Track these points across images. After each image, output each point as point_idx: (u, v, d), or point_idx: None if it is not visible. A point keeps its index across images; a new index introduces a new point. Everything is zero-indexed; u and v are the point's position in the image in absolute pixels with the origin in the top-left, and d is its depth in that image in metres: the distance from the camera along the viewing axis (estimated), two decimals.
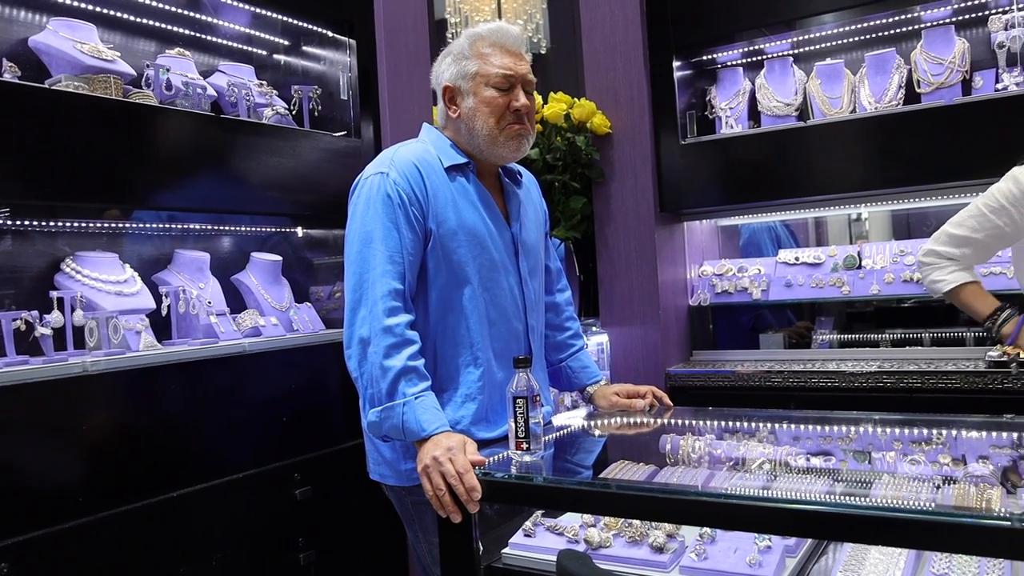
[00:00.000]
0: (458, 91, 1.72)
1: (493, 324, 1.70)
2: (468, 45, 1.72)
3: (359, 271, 1.60)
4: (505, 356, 1.70)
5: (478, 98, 1.69)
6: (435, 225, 1.65)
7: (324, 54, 2.87)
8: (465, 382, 1.67)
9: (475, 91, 1.69)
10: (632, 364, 2.92)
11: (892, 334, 2.78)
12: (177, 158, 2.17)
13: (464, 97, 1.71)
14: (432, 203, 1.65)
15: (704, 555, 1.40)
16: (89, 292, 2.07)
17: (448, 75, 1.73)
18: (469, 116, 1.70)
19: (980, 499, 1.24)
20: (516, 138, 1.70)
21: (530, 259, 1.80)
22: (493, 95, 1.68)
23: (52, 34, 2.08)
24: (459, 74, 1.71)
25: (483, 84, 1.69)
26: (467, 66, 1.71)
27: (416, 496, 1.67)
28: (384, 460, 1.70)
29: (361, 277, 1.59)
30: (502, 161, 1.76)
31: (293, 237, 2.84)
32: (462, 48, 1.73)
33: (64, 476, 1.77)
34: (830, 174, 2.69)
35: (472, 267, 1.67)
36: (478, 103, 1.69)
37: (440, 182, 1.68)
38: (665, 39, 2.93)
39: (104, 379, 1.86)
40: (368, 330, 1.55)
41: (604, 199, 2.99)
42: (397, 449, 1.67)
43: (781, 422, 1.90)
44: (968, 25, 2.73)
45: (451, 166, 1.71)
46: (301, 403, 2.33)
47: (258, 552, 2.16)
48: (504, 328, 1.72)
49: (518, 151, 1.73)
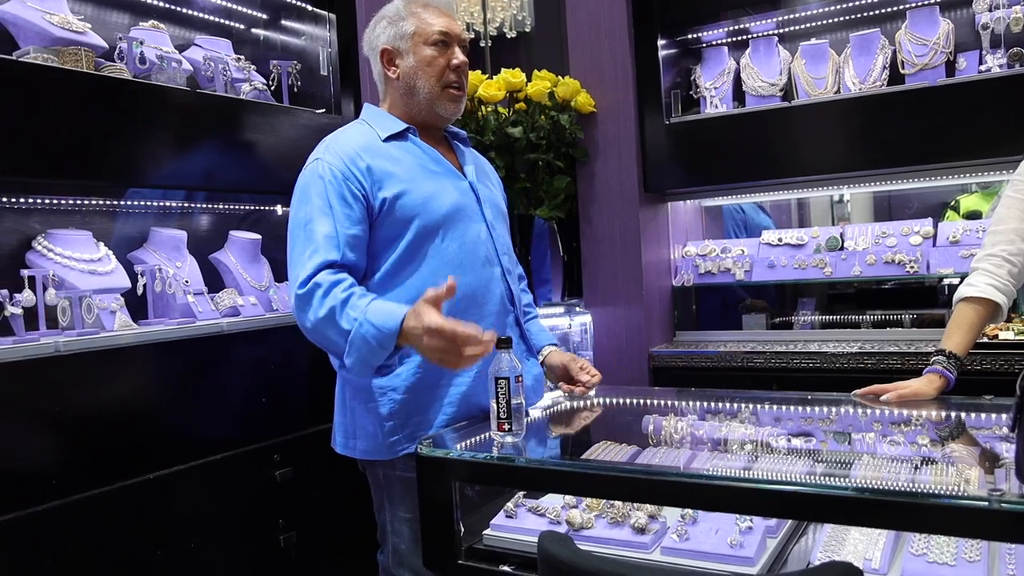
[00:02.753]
0: (396, 52, 1.75)
1: (466, 271, 1.69)
2: (403, 6, 1.77)
3: (297, 254, 1.61)
4: (483, 301, 1.72)
5: (417, 57, 1.73)
6: (385, 194, 1.65)
7: (304, 29, 2.82)
8: None
9: (414, 50, 1.74)
10: (615, 345, 2.92)
11: (873, 315, 2.79)
12: (152, 134, 2.12)
13: (403, 57, 1.75)
14: (375, 175, 1.65)
15: (686, 536, 1.40)
16: (62, 271, 2.02)
17: (385, 37, 1.76)
18: (409, 75, 1.74)
19: (959, 480, 1.24)
20: (455, 100, 1.76)
21: (492, 207, 1.82)
22: (432, 54, 1.73)
23: (20, 4, 2.02)
24: (396, 35, 1.75)
25: (421, 43, 1.73)
26: (404, 26, 1.74)
27: (387, 468, 1.67)
28: (362, 433, 1.69)
29: (298, 259, 1.60)
30: (440, 121, 1.80)
31: (272, 215, 2.80)
32: (397, 10, 1.77)
33: (36, 459, 1.74)
34: (814, 155, 2.68)
35: (432, 222, 1.67)
36: (418, 62, 1.73)
37: (381, 153, 1.69)
38: (650, 17, 2.90)
39: (77, 359, 1.83)
40: (305, 301, 1.56)
41: (588, 179, 2.96)
42: (373, 420, 1.66)
43: (763, 403, 1.90)
44: (952, 6, 2.72)
45: (391, 135, 1.72)
46: (280, 383, 2.31)
47: (237, 534, 2.15)
48: (477, 273, 1.72)
49: (457, 110, 1.79)
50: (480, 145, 2.77)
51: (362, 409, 1.68)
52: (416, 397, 1.65)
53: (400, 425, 1.65)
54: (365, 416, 1.68)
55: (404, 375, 1.65)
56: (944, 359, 1.67)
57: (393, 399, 1.64)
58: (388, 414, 1.65)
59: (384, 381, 1.65)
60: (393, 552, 1.73)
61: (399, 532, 1.70)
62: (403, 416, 1.65)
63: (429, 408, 1.67)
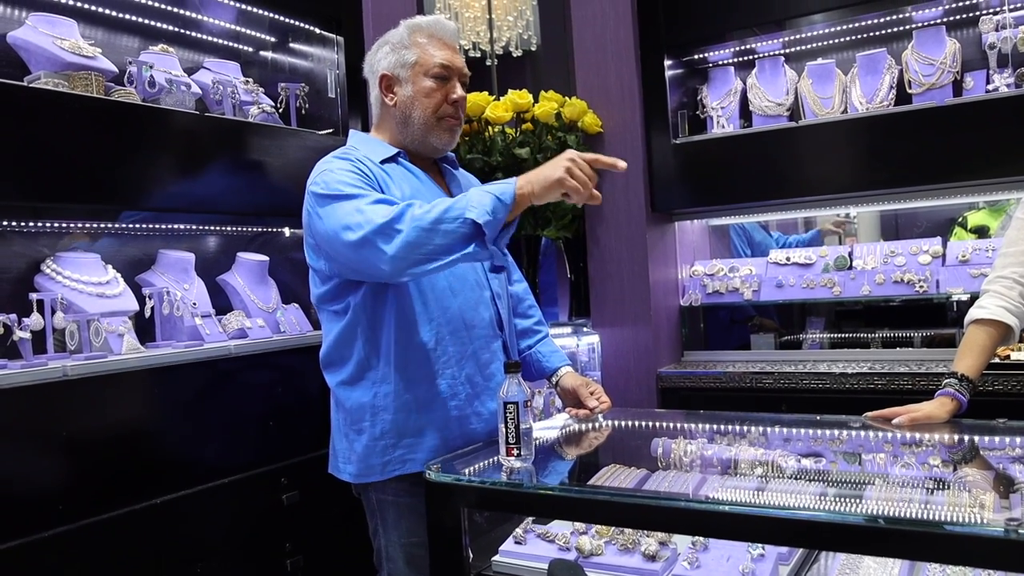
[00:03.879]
0: (396, 79, 1.74)
1: (456, 294, 1.68)
2: (407, 35, 1.75)
3: (343, 214, 1.53)
4: (471, 325, 1.69)
5: (416, 87, 1.72)
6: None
7: (311, 51, 2.84)
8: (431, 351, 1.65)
9: (414, 80, 1.72)
10: (623, 365, 2.90)
11: (883, 335, 2.77)
12: (161, 157, 2.13)
13: (402, 85, 1.73)
14: (379, 180, 1.64)
15: (697, 563, 1.39)
16: (70, 294, 2.03)
17: (386, 63, 1.75)
18: (406, 105, 1.73)
19: (973, 507, 1.23)
20: (450, 130, 1.75)
21: None
22: (431, 86, 1.72)
23: (31, 30, 2.04)
24: (398, 62, 1.73)
25: (422, 73, 1.72)
26: (406, 55, 1.73)
27: (380, 493, 1.66)
28: (355, 456, 1.67)
29: (347, 214, 1.52)
30: (434, 152, 1.79)
31: (280, 237, 2.80)
32: (401, 37, 1.76)
33: (44, 483, 1.73)
34: (821, 174, 2.67)
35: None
36: (416, 92, 1.72)
37: (377, 173, 1.67)
38: (657, 37, 2.91)
39: (85, 383, 1.83)
40: (384, 231, 1.47)
41: None
42: (365, 442, 1.65)
43: (772, 425, 1.88)
44: (959, 26, 2.72)
45: (383, 159, 1.72)
46: (288, 406, 2.30)
47: (244, 558, 2.13)
48: (466, 297, 1.70)
49: (451, 142, 1.78)
50: (487, 165, 2.78)
51: (354, 433, 1.67)
52: (407, 418, 1.64)
53: (391, 446, 1.64)
54: (357, 439, 1.67)
55: (394, 396, 1.64)
56: (956, 382, 1.66)
57: (384, 420, 1.64)
58: (380, 434, 1.64)
59: (376, 401, 1.64)
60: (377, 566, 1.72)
61: (392, 558, 1.69)
62: (394, 436, 1.64)
63: (420, 430, 1.65)
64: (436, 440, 1.65)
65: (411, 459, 1.62)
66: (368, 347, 1.64)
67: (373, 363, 1.64)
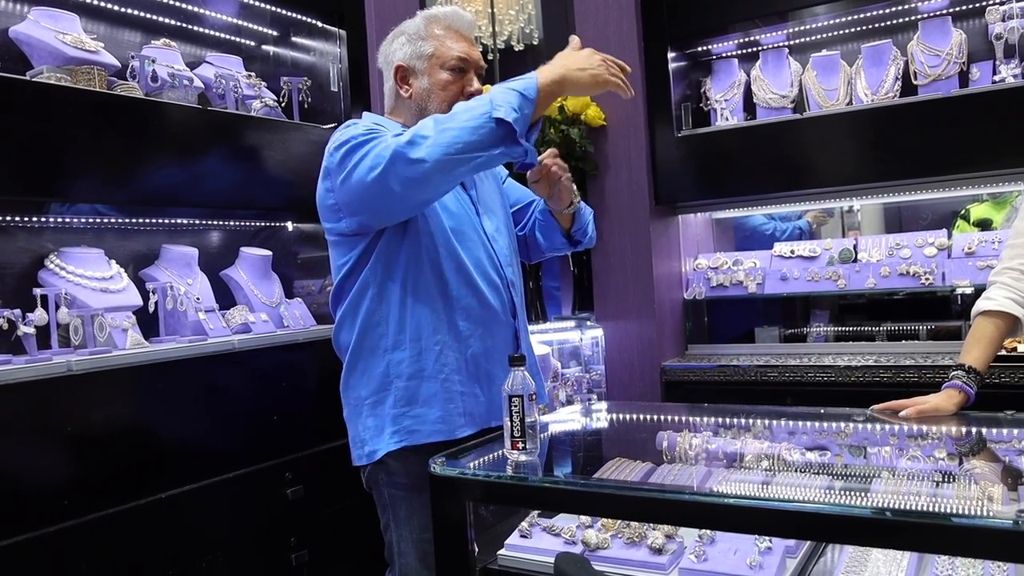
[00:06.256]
0: (411, 71, 1.72)
1: (466, 283, 1.67)
2: (424, 26, 1.73)
3: (370, 147, 1.50)
4: (486, 311, 1.69)
5: (432, 79, 1.70)
6: None
7: (314, 45, 2.83)
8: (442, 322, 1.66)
9: (430, 72, 1.70)
10: (627, 359, 2.90)
11: (888, 328, 2.76)
12: (163, 151, 2.12)
13: (418, 77, 1.72)
14: None
15: (704, 556, 1.38)
16: (74, 289, 2.03)
17: (401, 54, 1.73)
18: (422, 97, 1.71)
19: (981, 499, 1.22)
20: None
21: (493, 219, 1.79)
22: (448, 78, 1.70)
23: (33, 24, 2.03)
24: (414, 54, 1.71)
25: (438, 66, 1.70)
26: (423, 47, 1.71)
27: (393, 488, 1.66)
28: (367, 435, 1.67)
29: (375, 146, 1.50)
30: None
31: (283, 231, 2.80)
32: (417, 28, 1.73)
33: (49, 479, 1.73)
34: (826, 167, 2.66)
35: (432, 231, 1.65)
36: (432, 84, 1.70)
37: None
38: (660, 30, 2.89)
39: (89, 379, 1.83)
40: (410, 142, 1.46)
41: (598, 192, 2.95)
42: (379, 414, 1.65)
43: (777, 418, 1.87)
44: (965, 16, 2.70)
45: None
46: (292, 401, 2.30)
47: (249, 553, 2.13)
48: (477, 285, 1.69)
49: None
50: None
51: (367, 407, 1.67)
52: (419, 386, 1.64)
53: (402, 415, 1.64)
54: (371, 413, 1.66)
55: (408, 363, 1.64)
56: (963, 374, 1.65)
57: (398, 387, 1.64)
58: (394, 402, 1.64)
59: (390, 369, 1.64)
60: (400, 572, 1.71)
61: (404, 553, 1.69)
62: (405, 404, 1.64)
63: (428, 401, 1.65)
64: (439, 411, 1.64)
65: (417, 431, 1.62)
66: (380, 313, 1.64)
67: (383, 330, 1.64)
